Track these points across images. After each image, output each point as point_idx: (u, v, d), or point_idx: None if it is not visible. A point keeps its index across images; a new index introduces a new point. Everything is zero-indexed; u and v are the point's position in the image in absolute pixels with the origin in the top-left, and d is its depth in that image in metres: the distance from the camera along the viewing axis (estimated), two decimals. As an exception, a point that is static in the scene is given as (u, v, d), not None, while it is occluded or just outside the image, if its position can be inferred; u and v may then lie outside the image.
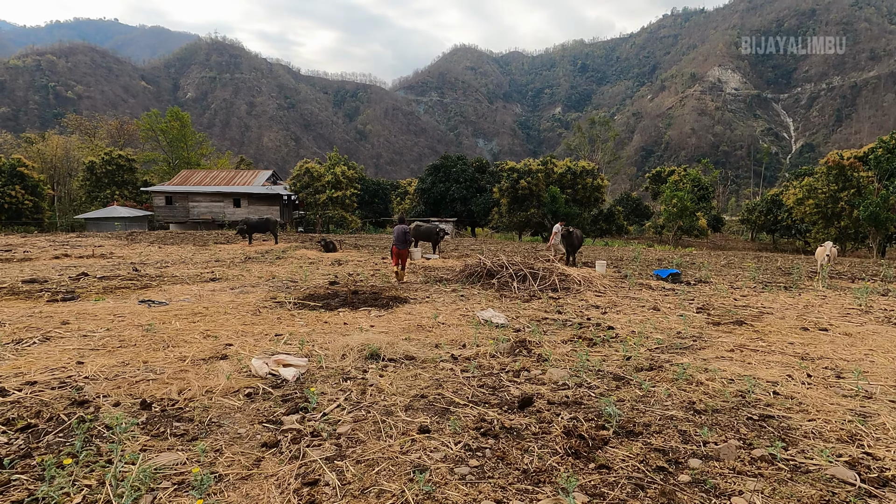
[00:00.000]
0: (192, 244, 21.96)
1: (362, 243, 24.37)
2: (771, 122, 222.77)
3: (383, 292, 10.27)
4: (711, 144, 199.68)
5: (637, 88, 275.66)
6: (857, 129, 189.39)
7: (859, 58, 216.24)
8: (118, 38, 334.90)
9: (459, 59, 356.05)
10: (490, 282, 10.96)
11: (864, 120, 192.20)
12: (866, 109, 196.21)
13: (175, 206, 38.35)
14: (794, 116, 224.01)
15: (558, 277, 10.82)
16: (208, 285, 10.76)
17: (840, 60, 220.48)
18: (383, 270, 14.13)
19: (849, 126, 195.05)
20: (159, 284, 10.70)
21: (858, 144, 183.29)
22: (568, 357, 5.64)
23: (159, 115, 53.17)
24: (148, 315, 7.40)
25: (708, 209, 35.52)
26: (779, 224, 37.30)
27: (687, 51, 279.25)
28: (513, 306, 9.01)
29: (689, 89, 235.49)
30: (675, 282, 12.82)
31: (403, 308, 8.59)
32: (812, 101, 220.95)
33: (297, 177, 36.20)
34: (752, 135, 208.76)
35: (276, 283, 11.17)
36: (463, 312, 8.27)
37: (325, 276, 12.64)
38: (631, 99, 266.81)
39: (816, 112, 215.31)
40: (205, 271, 13.15)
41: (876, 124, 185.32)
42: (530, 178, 32.90)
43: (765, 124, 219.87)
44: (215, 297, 9.24)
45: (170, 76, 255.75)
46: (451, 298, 9.64)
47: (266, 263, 15.33)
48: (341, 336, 6.27)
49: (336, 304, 8.98)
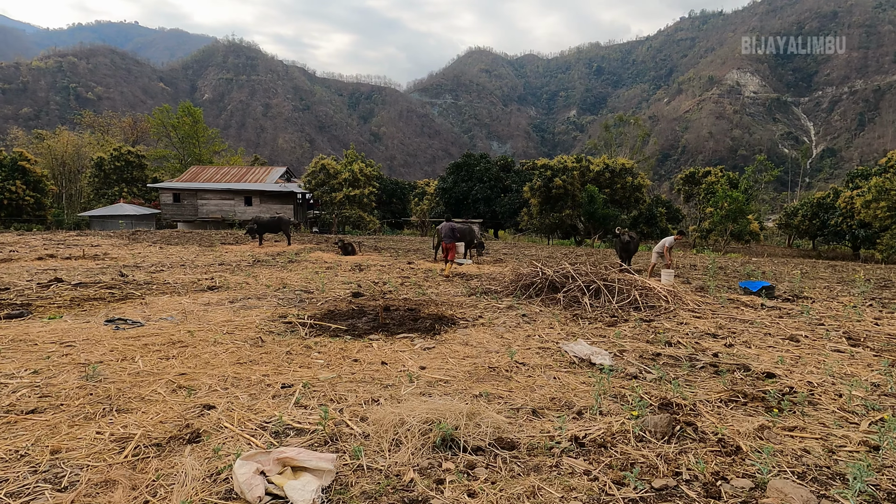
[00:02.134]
0: (196, 245, 20.00)
1: (382, 245, 22.26)
2: (791, 126, 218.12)
3: (421, 308, 8.11)
4: (729, 148, 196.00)
5: (653, 92, 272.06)
6: (880, 133, 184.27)
7: (883, 60, 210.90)
8: (138, 41, 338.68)
9: (474, 61, 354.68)
10: (553, 296, 8.74)
11: (888, 124, 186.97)
12: (890, 113, 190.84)
13: (183, 204, 36.60)
14: (815, 120, 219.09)
15: (639, 292, 8.57)
16: (203, 296, 8.68)
17: (863, 63, 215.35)
18: (413, 278, 11.97)
19: (872, 130, 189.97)
20: (143, 295, 8.63)
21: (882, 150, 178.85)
22: (759, 438, 3.42)
23: (171, 111, 51.60)
24: (107, 343, 5.30)
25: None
26: (826, 229, 34.48)
27: (704, 54, 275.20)
28: (597, 332, 6.78)
29: (707, 93, 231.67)
30: (770, 297, 10.49)
31: (455, 334, 6.40)
32: (834, 104, 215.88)
33: (313, 174, 34.19)
34: (772, 139, 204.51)
35: (287, 295, 9.06)
36: (539, 342, 6.07)
37: (345, 285, 10.51)
38: (647, 102, 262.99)
39: (838, 116, 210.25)
40: (204, 277, 11.09)
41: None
42: (565, 176, 30.46)
43: (784, 128, 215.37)
44: (208, 314, 7.13)
45: (187, 78, 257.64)
46: (511, 319, 7.44)
47: (276, 268, 13.25)
48: (383, 391, 4.11)
49: (365, 326, 6.82)
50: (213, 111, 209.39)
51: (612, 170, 31.65)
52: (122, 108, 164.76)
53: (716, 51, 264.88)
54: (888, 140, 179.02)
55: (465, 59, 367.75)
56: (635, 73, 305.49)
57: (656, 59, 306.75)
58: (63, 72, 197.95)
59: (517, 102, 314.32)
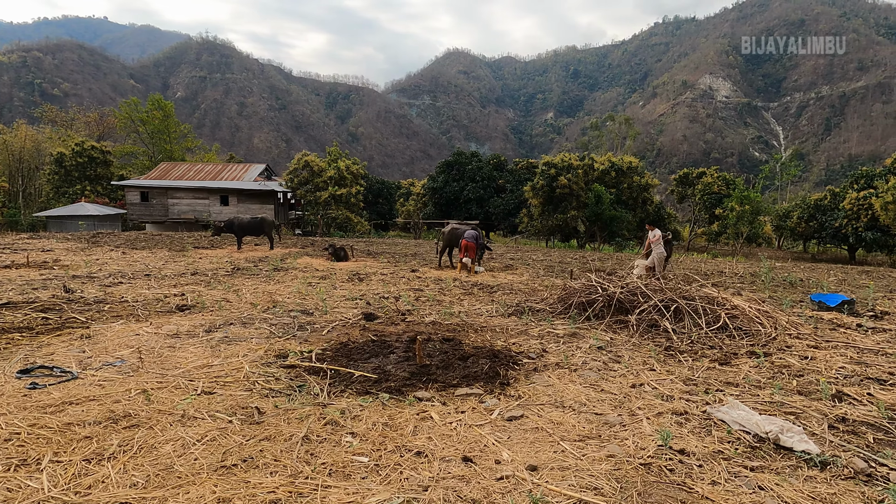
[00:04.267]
0: (166, 249, 17.65)
1: (376, 249, 20.23)
2: (761, 131, 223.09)
3: (461, 337, 6.21)
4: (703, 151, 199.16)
5: (629, 95, 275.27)
6: (846, 138, 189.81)
7: (847, 67, 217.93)
8: (107, 37, 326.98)
9: (452, 62, 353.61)
10: (622, 319, 6.94)
11: (852, 129, 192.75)
12: (855, 119, 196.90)
13: (152, 204, 33.80)
14: (784, 125, 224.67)
15: (725, 312, 6.84)
16: (170, 322, 6.61)
17: (829, 70, 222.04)
18: (428, 291, 10.05)
19: (838, 135, 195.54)
20: (89, 321, 6.51)
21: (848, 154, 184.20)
22: None
23: (139, 104, 48.27)
24: (2, 423, 3.27)
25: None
26: (824, 231, 33.73)
27: (678, 58, 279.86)
28: (714, 375, 4.99)
29: (681, 97, 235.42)
30: (852, 313, 8.93)
31: (534, 384, 4.53)
32: (801, 110, 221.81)
33: (295, 171, 31.74)
34: (743, 143, 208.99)
35: (281, 318, 7.05)
36: (657, 397, 4.23)
37: (350, 302, 8.55)
38: (623, 105, 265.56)
39: (806, 121, 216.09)
40: (173, 292, 8.97)
41: (864, 134, 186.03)
42: (570, 174, 28.69)
43: (755, 132, 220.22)
44: (175, 354, 5.10)
45: (159, 75, 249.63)
46: (587, 354, 5.58)
47: (261, 278, 11.16)
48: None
49: (399, 370, 4.89)
50: (187, 109, 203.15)
51: (618, 168, 29.98)
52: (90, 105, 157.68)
53: (689, 56, 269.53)
54: (853, 144, 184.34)
55: (444, 60, 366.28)
56: (611, 77, 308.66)
57: (631, 63, 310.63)
58: (27, 67, 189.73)
59: (495, 104, 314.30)
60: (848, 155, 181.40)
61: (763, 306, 7.54)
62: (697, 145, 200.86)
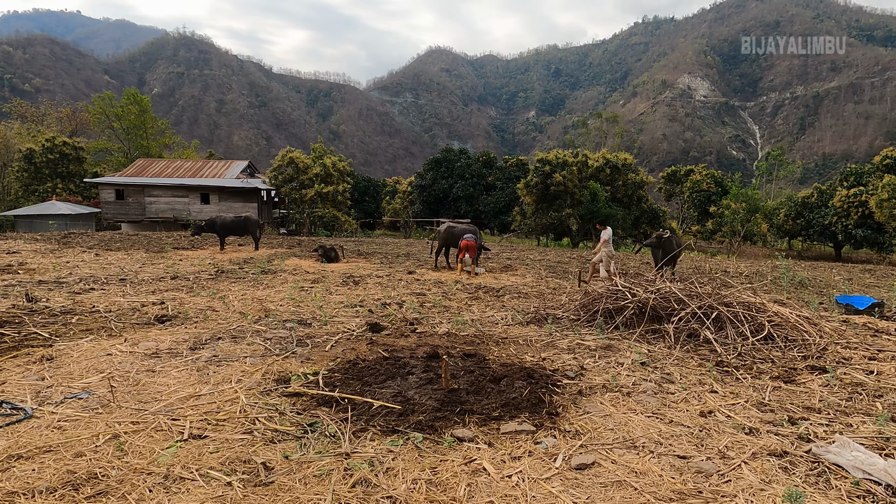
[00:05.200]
0: (143, 250, 16.56)
1: (366, 249, 19.37)
2: (738, 129, 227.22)
3: (484, 353, 5.49)
4: (682, 150, 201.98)
5: (609, 94, 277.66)
6: (819, 137, 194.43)
7: (821, 68, 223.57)
8: (80, 31, 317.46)
9: (434, 60, 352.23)
10: (657, 328, 6.29)
11: (826, 128, 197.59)
12: (828, 118, 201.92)
13: (128, 202, 32.33)
14: (760, 124, 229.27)
15: (769, 321, 6.24)
16: (149, 336, 5.75)
17: (803, 70, 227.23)
18: (431, 296, 9.31)
19: (812, 134, 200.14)
20: (53, 336, 5.62)
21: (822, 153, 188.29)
22: None
23: (114, 98, 46.38)
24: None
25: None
26: (811, 229, 33.88)
27: (657, 58, 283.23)
28: (785, 397, 4.35)
29: (660, 96, 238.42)
30: (882, 316, 8.46)
31: (589, 415, 3.83)
32: (777, 109, 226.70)
33: (279, 168, 30.56)
34: (721, 141, 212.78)
35: (276, 330, 6.25)
36: (739, 429, 3.56)
37: (349, 310, 7.76)
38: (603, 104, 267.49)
39: (781, 120, 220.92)
40: (151, 299, 8.07)
41: (837, 133, 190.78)
42: (565, 171, 28.02)
43: (732, 131, 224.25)
44: (154, 381, 4.27)
45: (135, 71, 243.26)
46: (640, 375, 4.90)
47: (248, 282, 10.28)
48: None
49: (424, 398, 4.14)
50: (164, 106, 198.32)
51: (612, 165, 29.47)
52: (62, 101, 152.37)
53: (668, 55, 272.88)
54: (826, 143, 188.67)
55: (426, 58, 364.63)
56: (592, 76, 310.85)
57: (612, 62, 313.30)
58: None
59: (477, 102, 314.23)
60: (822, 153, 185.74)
61: (802, 311, 6.97)
62: (677, 144, 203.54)
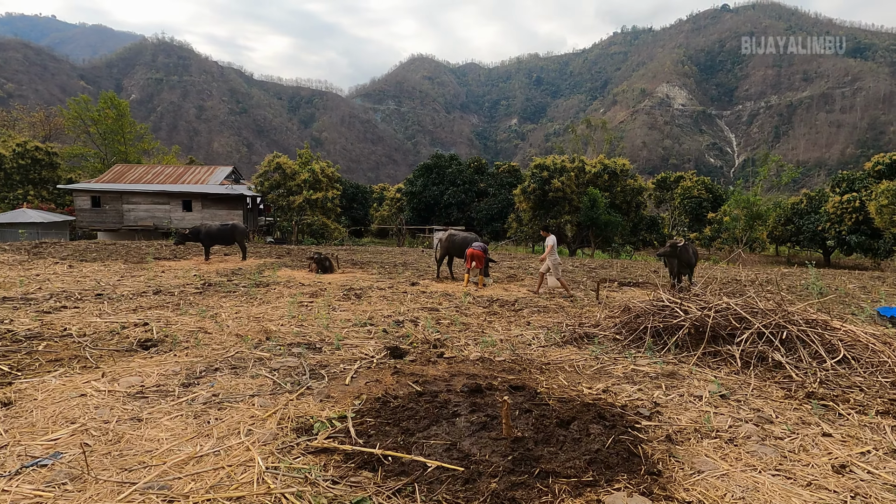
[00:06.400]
0: (122, 261, 15.40)
1: (360, 258, 18.46)
2: (715, 138, 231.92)
3: (527, 381, 4.72)
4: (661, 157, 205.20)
5: (590, 102, 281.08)
6: (794, 145, 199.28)
7: (794, 79, 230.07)
8: (55, 36, 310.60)
9: (417, 68, 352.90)
10: (718, 350, 5.56)
11: (799, 137, 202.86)
12: (801, 127, 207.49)
13: (105, 210, 30.84)
14: (737, 132, 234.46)
15: (842, 341, 5.55)
16: (131, 370, 4.83)
17: (777, 81, 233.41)
18: (444, 311, 8.50)
19: (786, 142, 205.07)
20: (13, 372, 4.66)
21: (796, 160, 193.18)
22: None
23: (90, 102, 44.63)
24: None
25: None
26: (801, 235, 33.98)
27: (637, 67, 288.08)
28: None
29: (640, 104, 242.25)
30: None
31: (699, 474, 3.07)
32: (752, 118, 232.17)
33: (265, 174, 29.39)
34: (699, 149, 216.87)
35: (282, 357, 5.37)
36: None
37: (360, 329, 6.91)
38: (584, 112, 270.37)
39: (757, 128, 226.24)
40: (132, 319, 7.09)
41: (810, 141, 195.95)
42: (564, 177, 27.34)
43: (710, 139, 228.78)
44: (140, 436, 3.37)
45: (112, 77, 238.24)
46: (729, 412, 4.16)
47: (239, 297, 9.32)
48: None
49: (479, 449, 3.36)
50: (142, 112, 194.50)
51: (611, 171, 28.93)
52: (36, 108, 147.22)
53: (647, 65, 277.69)
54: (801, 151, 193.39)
55: (408, 65, 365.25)
56: (573, 85, 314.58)
57: (592, 71, 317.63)
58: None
59: (460, 110, 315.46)
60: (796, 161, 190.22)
61: (867, 328, 6.33)
62: (656, 151, 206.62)
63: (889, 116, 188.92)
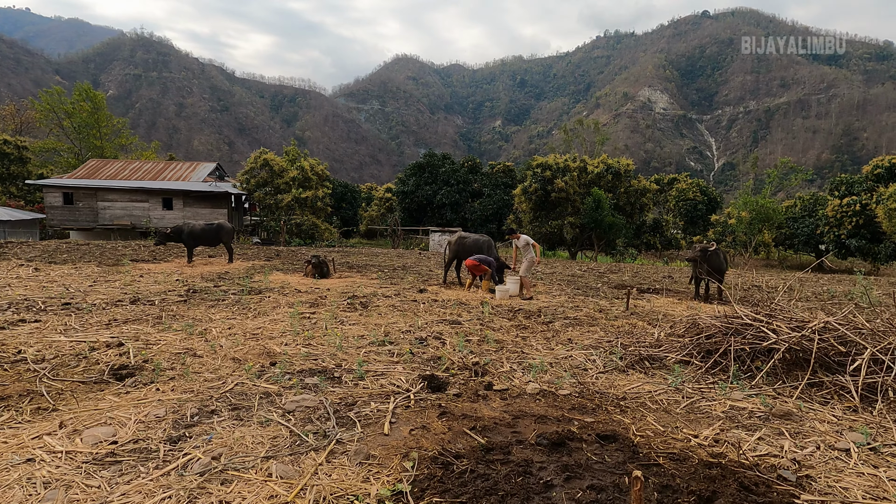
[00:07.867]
0: (95, 263, 14.04)
1: (356, 261, 17.33)
2: (696, 142, 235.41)
3: (612, 425, 3.74)
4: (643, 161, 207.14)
5: (573, 105, 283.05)
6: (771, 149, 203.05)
7: (772, 84, 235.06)
8: (29, 29, 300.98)
9: (401, 68, 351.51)
10: (821, 380, 4.63)
11: (777, 142, 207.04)
12: (779, 132, 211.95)
13: (78, 207, 29.10)
14: (716, 136, 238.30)
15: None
16: (100, 415, 3.69)
17: (755, 86, 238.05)
18: (468, 324, 7.46)
19: (764, 147, 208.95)
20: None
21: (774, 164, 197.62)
22: None
23: (64, 94, 42.47)
24: None
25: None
26: (796, 238, 33.79)
27: (619, 71, 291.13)
28: None
29: (622, 108, 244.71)
30: None
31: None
32: (731, 122, 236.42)
33: (252, 171, 27.95)
34: (680, 153, 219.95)
35: (294, 391, 4.28)
36: None
37: (379, 349, 5.82)
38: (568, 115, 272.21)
39: (736, 133, 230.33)
40: (104, 337, 5.90)
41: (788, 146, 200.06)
42: (567, 177, 26.37)
43: (690, 143, 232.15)
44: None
45: (88, 72, 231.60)
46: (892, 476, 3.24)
47: (231, 307, 8.14)
48: None
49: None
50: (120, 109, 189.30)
51: (614, 171, 28.07)
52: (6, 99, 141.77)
53: (629, 69, 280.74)
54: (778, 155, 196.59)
55: (392, 65, 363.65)
56: (556, 87, 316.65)
57: (575, 74, 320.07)
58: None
59: (444, 111, 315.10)
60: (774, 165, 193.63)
61: None
62: (638, 154, 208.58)
63: (863, 123, 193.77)
